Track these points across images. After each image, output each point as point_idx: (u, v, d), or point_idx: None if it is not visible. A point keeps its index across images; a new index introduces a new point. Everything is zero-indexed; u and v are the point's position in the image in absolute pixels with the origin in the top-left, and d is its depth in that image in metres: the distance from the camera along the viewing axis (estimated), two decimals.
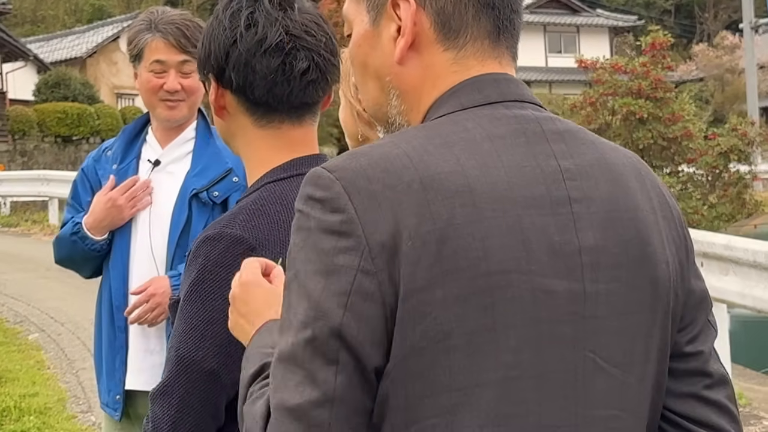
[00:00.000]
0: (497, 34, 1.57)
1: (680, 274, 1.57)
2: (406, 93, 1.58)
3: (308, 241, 1.39)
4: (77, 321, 11.11)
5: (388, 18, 1.57)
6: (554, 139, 1.51)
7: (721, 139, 22.14)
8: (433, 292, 1.35)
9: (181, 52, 3.53)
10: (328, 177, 1.41)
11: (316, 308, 1.36)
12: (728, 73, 50.14)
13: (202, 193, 3.48)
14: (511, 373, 1.39)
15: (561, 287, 1.42)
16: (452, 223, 1.37)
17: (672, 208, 1.60)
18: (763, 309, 7.71)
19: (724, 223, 21.21)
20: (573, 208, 1.46)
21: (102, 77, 41.91)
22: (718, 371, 1.60)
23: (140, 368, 3.54)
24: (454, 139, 1.45)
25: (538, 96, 15.54)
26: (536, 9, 55.09)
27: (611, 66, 23.12)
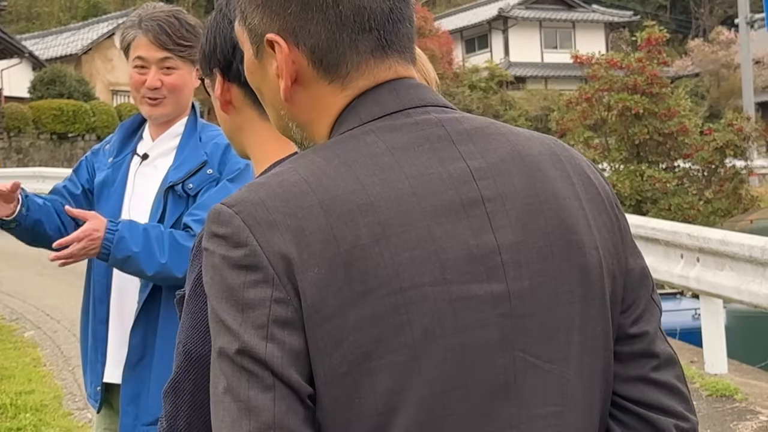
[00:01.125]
0: (382, 50, 1.51)
1: (615, 255, 1.53)
2: (303, 125, 1.56)
3: (216, 279, 1.38)
4: (73, 318, 11.08)
5: (268, 55, 1.53)
6: (461, 140, 1.47)
7: (717, 134, 22.19)
8: (346, 316, 1.33)
9: (162, 50, 3.53)
10: (227, 212, 1.39)
11: (239, 342, 1.34)
12: (724, 68, 50.16)
13: (177, 185, 3.49)
14: (435, 388, 1.36)
15: (482, 291, 1.39)
16: (358, 244, 1.35)
17: (600, 190, 1.56)
18: (760, 304, 7.73)
19: (720, 218, 21.27)
20: (487, 207, 1.43)
21: (97, 74, 41.88)
22: (665, 351, 1.56)
23: (118, 360, 3.54)
24: (353, 156, 1.42)
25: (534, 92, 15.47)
26: (532, 5, 55.09)
27: (607, 61, 23.17)
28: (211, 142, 3.56)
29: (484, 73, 47.34)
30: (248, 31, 1.57)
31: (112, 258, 3.37)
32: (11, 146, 29.45)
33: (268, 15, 1.52)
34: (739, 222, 20.34)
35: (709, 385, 8.00)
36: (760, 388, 8.28)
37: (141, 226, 3.40)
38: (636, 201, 21.27)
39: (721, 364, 8.72)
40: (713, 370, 8.66)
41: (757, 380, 8.66)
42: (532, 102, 45.62)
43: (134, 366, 3.46)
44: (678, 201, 21.19)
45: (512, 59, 52.53)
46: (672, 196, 21.47)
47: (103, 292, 3.58)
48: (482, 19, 54.24)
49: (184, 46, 3.53)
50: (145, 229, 3.39)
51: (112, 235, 3.36)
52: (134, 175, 3.65)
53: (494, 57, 52.33)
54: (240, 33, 1.61)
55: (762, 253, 7.62)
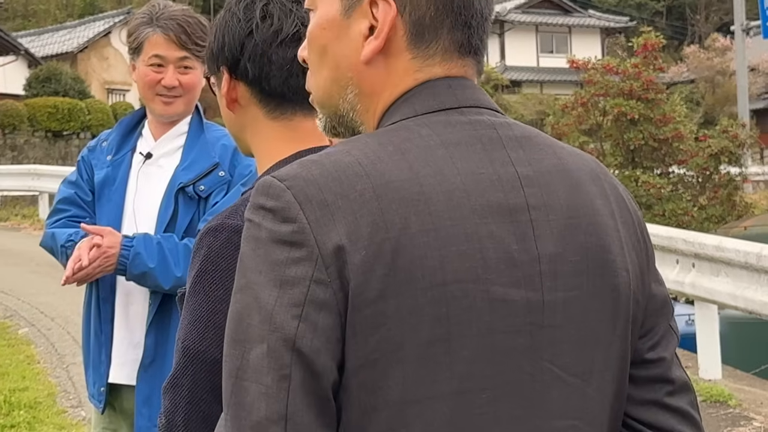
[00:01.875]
0: (467, 50, 1.55)
1: (640, 279, 1.55)
2: (366, 94, 1.55)
3: (259, 252, 1.37)
4: (67, 316, 11.10)
5: (362, 13, 1.52)
6: (511, 146, 1.49)
7: (711, 140, 22.19)
8: (387, 302, 1.34)
9: (181, 49, 3.54)
10: (278, 186, 1.38)
11: (269, 321, 1.34)
12: (719, 75, 50.18)
13: (189, 187, 3.49)
14: (465, 385, 1.37)
15: (518, 296, 1.40)
16: (407, 232, 1.35)
17: (632, 213, 1.58)
18: (755, 310, 7.74)
19: (714, 224, 21.25)
20: (531, 215, 1.44)
21: (93, 72, 41.83)
22: (680, 378, 1.58)
23: (123, 361, 3.55)
24: (408, 146, 1.42)
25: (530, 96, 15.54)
26: (528, 9, 55.14)
27: (603, 67, 23.15)
28: (219, 143, 3.56)
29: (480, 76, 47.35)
30: None
31: (129, 274, 3.40)
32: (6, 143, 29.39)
33: None
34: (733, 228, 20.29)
35: (703, 391, 8.02)
36: (754, 395, 8.30)
37: (154, 240, 3.40)
38: None
39: (715, 370, 8.73)
40: (707, 375, 8.67)
41: (751, 386, 8.68)
42: (527, 106, 45.64)
43: (148, 367, 3.46)
44: (672, 207, 21.19)
45: (508, 63, 52.56)
46: (666, 201, 21.46)
47: (108, 292, 3.57)
48: None
49: (200, 46, 3.54)
50: (159, 243, 3.39)
51: (128, 251, 3.38)
52: (137, 174, 3.63)
53: (490, 61, 52.31)
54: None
55: (758, 260, 7.63)
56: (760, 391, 8.48)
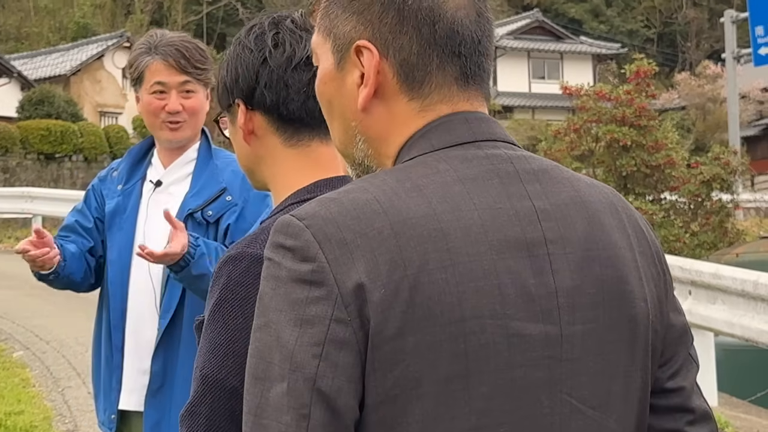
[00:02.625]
0: (465, 80, 1.54)
1: (659, 309, 1.55)
2: (372, 139, 1.56)
3: (279, 291, 1.38)
4: (62, 339, 11.07)
5: (351, 63, 1.54)
6: (528, 179, 1.49)
7: (703, 167, 22.25)
8: (405, 339, 1.34)
9: (182, 73, 3.56)
10: (297, 225, 1.39)
11: (290, 359, 1.34)
12: (710, 102, 50.34)
13: (197, 213, 3.50)
14: (483, 421, 1.37)
15: (536, 331, 1.41)
16: (425, 269, 1.36)
17: (650, 243, 1.58)
18: (752, 338, 7.75)
19: (706, 251, 21.27)
20: (549, 249, 1.45)
21: (86, 95, 41.84)
22: (700, 407, 1.59)
23: (133, 388, 3.55)
24: (425, 182, 1.43)
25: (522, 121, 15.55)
26: (520, 35, 55.31)
27: (595, 93, 23.21)
28: (228, 168, 3.57)
29: None
30: (333, 39, 1.58)
31: (187, 271, 3.33)
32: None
33: (362, 23, 1.53)
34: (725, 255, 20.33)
35: None
36: (750, 422, 8.30)
37: (213, 245, 3.39)
38: None
39: (711, 398, 8.73)
40: None
41: (747, 414, 8.69)
42: (519, 131, 45.68)
43: (155, 393, 3.46)
44: (664, 233, 21.22)
45: (500, 89, 52.66)
46: (658, 228, 21.50)
47: (119, 320, 3.58)
48: None
49: (201, 69, 3.57)
50: (217, 248, 3.38)
51: (194, 250, 3.33)
52: (147, 202, 3.65)
53: None
54: (320, 43, 1.62)
55: (754, 287, 7.65)
56: (756, 419, 8.48)
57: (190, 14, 61.23)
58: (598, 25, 69.22)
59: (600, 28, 68.43)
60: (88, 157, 30.96)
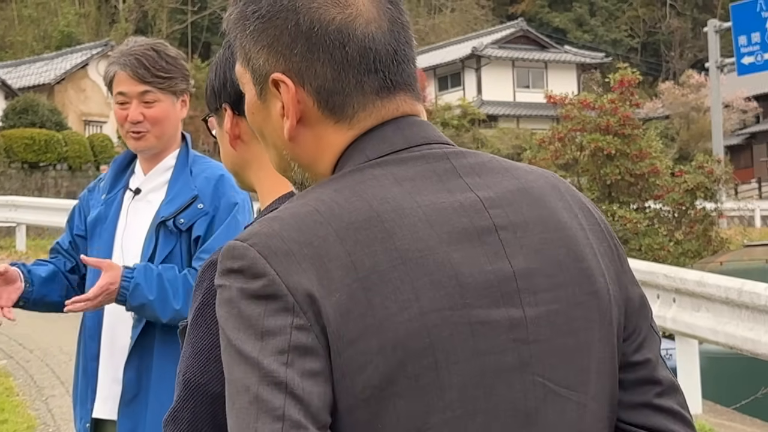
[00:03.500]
0: (387, 90, 1.53)
1: (617, 283, 1.56)
2: (306, 166, 1.56)
3: (233, 312, 1.37)
4: (45, 348, 11.03)
5: (272, 95, 1.53)
6: (467, 173, 1.50)
7: (687, 176, 22.32)
8: (369, 341, 1.34)
9: (141, 83, 3.55)
10: (242, 246, 1.39)
11: (258, 369, 1.33)
12: (694, 111, 50.54)
13: (169, 221, 3.49)
14: (458, 412, 1.37)
15: (499, 316, 1.41)
16: (377, 270, 1.36)
17: (598, 220, 1.60)
18: (736, 345, 7.77)
19: (690, 259, 21.33)
20: (500, 235, 1.45)
21: (70, 104, 41.78)
22: (667, 377, 1.59)
23: (107, 396, 3.54)
24: (362, 187, 1.43)
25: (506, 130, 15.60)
26: (505, 44, 55.43)
27: (580, 102, 23.28)
28: (201, 176, 3.57)
29: (456, 110, 47.56)
30: (251, 71, 1.56)
31: (128, 305, 3.40)
32: None
33: (273, 56, 1.52)
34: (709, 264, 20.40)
35: None
36: (735, 430, 8.32)
37: (155, 271, 3.40)
38: None
39: (696, 405, 8.76)
40: None
41: (732, 421, 8.70)
42: (503, 140, 45.81)
43: (129, 402, 3.45)
44: (648, 241, 21.26)
45: (485, 98, 52.77)
46: (643, 236, 21.54)
47: (95, 329, 3.59)
48: (456, 57, 54.53)
49: (163, 78, 3.55)
50: (160, 275, 3.39)
51: (128, 283, 3.37)
52: (127, 210, 3.65)
53: (467, 95, 52.59)
54: (242, 74, 1.61)
55: (738, 295, 7.67)
56: (740, 426, 8.50)
57: (174, 23, 61.26)
58: (582, 34, 69.46)
59: (584, 37, 68.65)
60: (72, 166, 30.92)
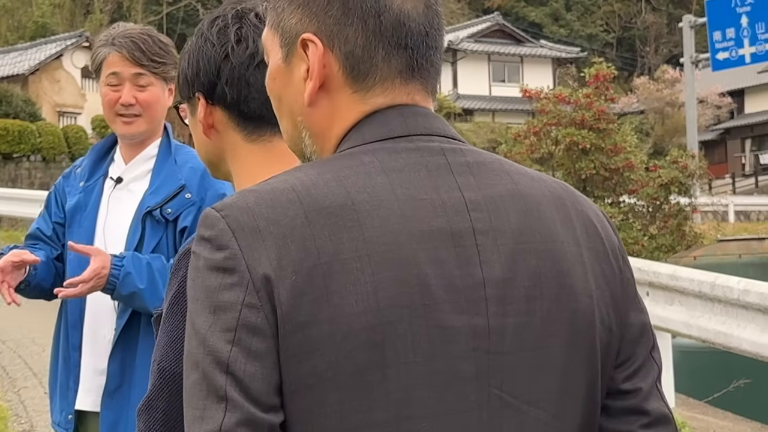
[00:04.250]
0: (410, 73, 1.52)
1: (613, 307, 1.51)
2: (316, 135, 1.55)
3: (197, 281, 1.39)
4: (18, 339, 10.98)
5: (298, 57, 1.53)
6: (460, 171, 1.47)
7: (662, 171, 22.43)
8: (320, 327, 1.33)
9: (136, 65, 3.53)
10: (214, 216, 1.41)
11: (204, 345, 1.35)
12: (668, 106, 50.71)
13: (156, 210, 3.46)
14: (403, 412, 1.35)
15: (460, 322, 1.38)
16: (339, 258, 1.35)
17: (604, 240, 1.54)
18: (708, 339, 7.80)
19: (664, 254, 21.44)
20: (477, 240, 1.42)
21: (44, 95, 41.53)
22: (657, 409, 1.53)
23: (89, 388, 3.52)
24: (347, 173, 1.42)
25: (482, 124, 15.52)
26: (481, 38, 55.50)
27: (555, 96, 23.35)
28: (187, 165, 3.54)
29: None
30: (281, 33, 1.56)
31: (117, 293, 3.38)
32: None
33: (307, 15, 1.52)
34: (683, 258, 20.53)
35: None
36: (707, 423, 8.37)
37: (144, 260, 3.38)
38: None
39: (668, 398, 8.77)
40: None
41: (704, 414, 8.75)
42: (479, 134, 45.84)
43: (113, 393, 3.43)
44: (623, 236, 21.35)
45: (460, 91, 52.83)
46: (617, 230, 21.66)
47: (77, 319, 3.55)
48: None
49: (157, 63, 3.54)
50: (149, 263, 3.38)
51: (118, 271, 3.35)
52: (108, 199, 3.61)
53: (443, 89, 52.57)
54: (269, 38, 1.60)
55: (711, 289, 7.70)
56: (713, 419, 8.55)
57: (149, 14, 61.00)
58: (558, 29, 69.61)
59: (560, 32, 68.80)
60: (46, 157, 30.74)
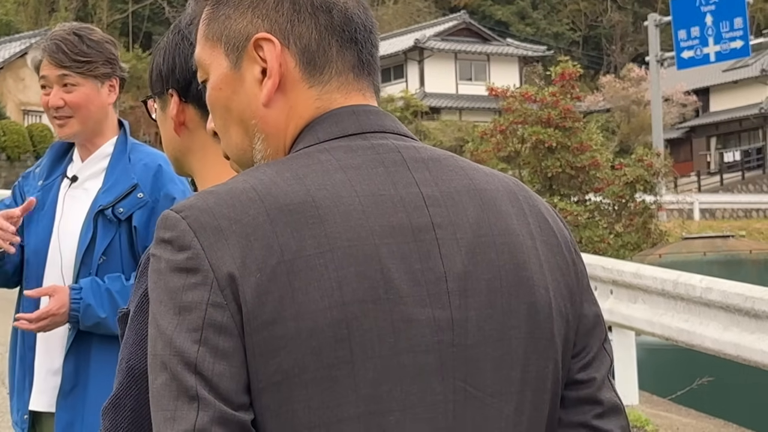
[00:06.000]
0: (361, 68, 1.55)
1: (569, 299, 1.53)
2: (271, 135, 1.54)
3: (159, 283, 1.39)
4: None
5: (250, 60, 1.53)
6: (416, 168, 1.48)
7: (627, 169, 22.55)
8: (286, 325, 1.34)
9: (59, 67, 3.49)
10: (175, 217, 1.40)
11: (170, 346, 1.35)
12: (634, 104, 50.97)
13: (108, 210, 3.44)
14: (371, 407, 1.36)
15: (423, 315, 1.39)
16: (302, 255, 1.36)
17: (557, 233, 1.56)
18: (671, 337, 7.85)
19: (630, 252, 21.55)
20: (437, 234, 1.43)
21: (9, 93, 41.26)
22: (610, 400, 1.55)
23: (43, 389, 3.51)
24: (305, 171, 1.43)
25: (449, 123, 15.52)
26: (447, 37, 55.56)
27: (521, 95, 23.43)
28: (140, 163, 3.51)
29: (399, 102, 47.58)
30: (226, 41, 1.56)
31: (82, 326, 3.38)
32: None
33: (258, 16, 1.53)
34: (649, 256, 20.64)
35: None
36: (671, 420, 8.42)
37: (103, 287, 3.37)
38: None
39: (632, 396, 8.85)
40: (625, 401, 8.67)
41: (668, 412, 8.80)
42: (446, 132, 45.93)
43: (67, 394, 3.42)
44: (589, 234, 21.45)
45: (427, 90, 52.88)
46: (583, 229, 21.73)
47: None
48: (398, 49, 54.53)
49: (81, 62, 3.48)
50: (108, 290, 3.36)
51: (78, 304, 3.35)
52: (63, 198, 3.60)
53: (410, 87, 52.66)
54: (207, 52, 1.60)
55: (674, 287, 7.74)
56: (676, 417, 8.60)
57: (115, 12, 60.73)
58: (524, 27, 69.79)
59: (526, 30, 68.98)
60: (11, 156, 30.60)
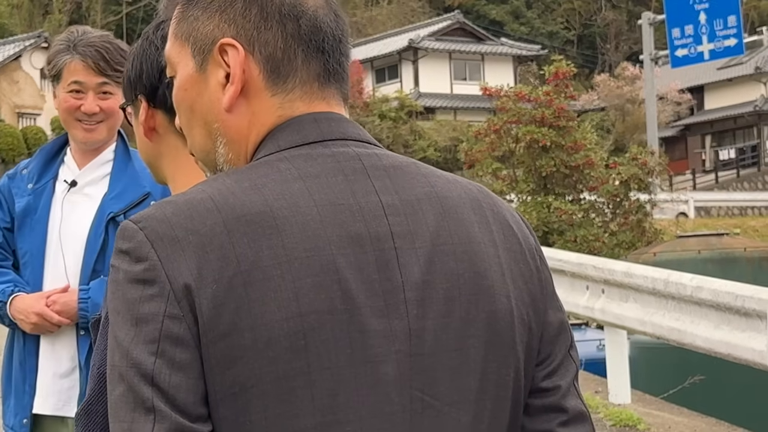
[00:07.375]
0: (327, 77, 1.55)
1: (532, 306, 1.52)
2: (233, 141, 1.54)
3: (117, 294, 1.39)
4: None
5: (215, 63, 1.53)
6: (377, 175, 1.48)
7: (622, 168, 22.56)
8: (242, 336, 1.34)
9: (100, 75, 3.51)
10: (133, 228, 1.40)
11: (127, 358, 1.34)
12: (629, 103, 50.96)
13: (119, 216, 3.44)
14: (328, 418, 1.36)
15: (381, 326, 1.39)
16: (259, 265, 1.35)
17: (522, 241, 1.55)
18: (663, 335, 7.85)
19: (625, 250, 21.55)
20: (396, 243, 1.43)
21: (3, 96, 41.23)
22: (575, 407, 1.55)
23: (49, 392, 3.50)
24: (264, 181, 1.43)
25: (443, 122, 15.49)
26: (441, 36, 55.54)
27: (515, 94, 23.44)
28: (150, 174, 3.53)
29: (394, 102, 47.54)
30: (193, 42, 1.56)
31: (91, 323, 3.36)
32: None
33: (225, 21, 1.52)
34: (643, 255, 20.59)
35: (612, 415, 8.11)
36: (663, 419, 8.41)
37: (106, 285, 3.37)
38: (543, 232, 21.52)
39: (624, 395, 8.85)
40: (617, 400, 8.79)
41: (660, 410, 8.80)
42: (441, 132, 45.91)
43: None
44: (584, 233, 21.47)
45: (422, 90, 52.84)
46: (578, 228, 21.75)
47: None
48: (393, 49, 54.54)
49: (120, 72, 3.50)
50: None
51: (86, 304, 3.38)
52: (61, 202, 3.58)
53: (404, 87, 52.61)
54: (176, 50, 1.60)
55: (665, 286, 7.74)
56: (668, 415, 8.60)
57: (109, 14, 60.67)
58: (518, 26, 69.80)
59: (520, 29, 68.99)
60: (5, 159, 30.63)
